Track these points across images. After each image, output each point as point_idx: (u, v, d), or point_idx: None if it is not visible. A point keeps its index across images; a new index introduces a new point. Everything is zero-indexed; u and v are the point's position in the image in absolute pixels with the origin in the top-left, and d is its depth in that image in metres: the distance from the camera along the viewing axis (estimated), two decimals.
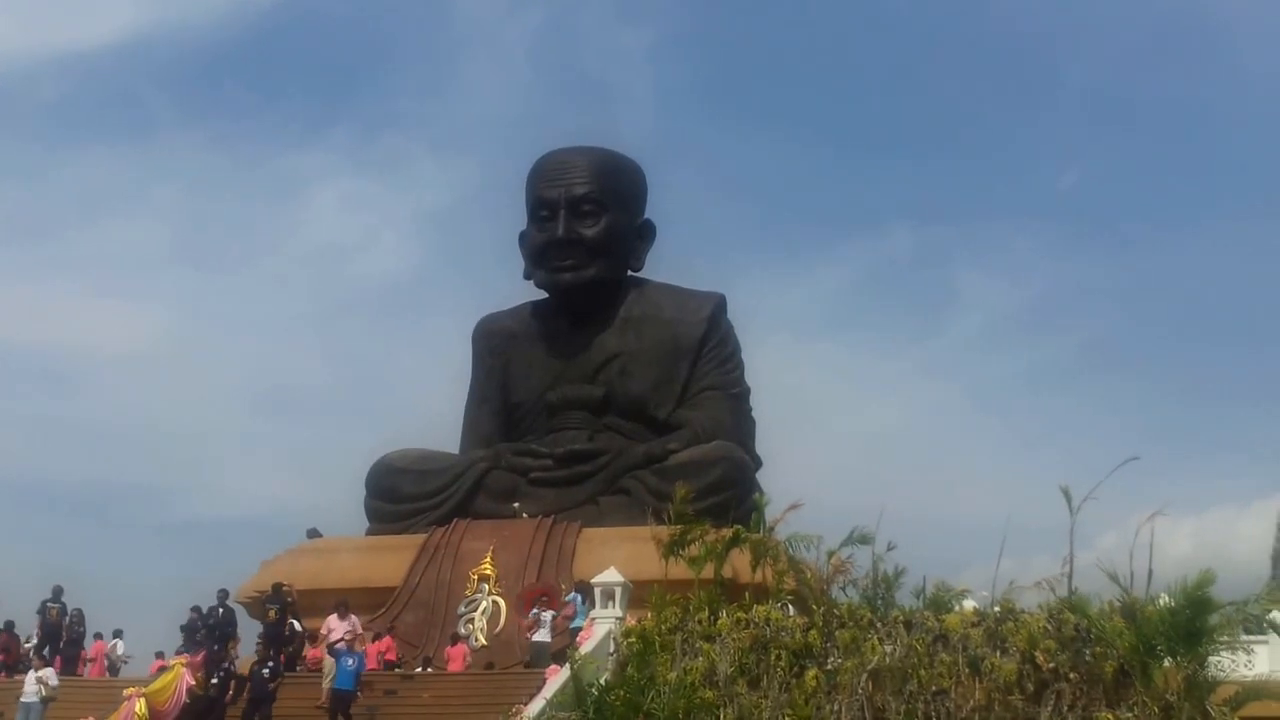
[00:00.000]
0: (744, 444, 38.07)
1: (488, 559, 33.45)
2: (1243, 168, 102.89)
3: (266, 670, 25.89)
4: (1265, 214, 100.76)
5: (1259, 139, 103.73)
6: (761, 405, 40.67)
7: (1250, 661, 27.17)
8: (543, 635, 28.95)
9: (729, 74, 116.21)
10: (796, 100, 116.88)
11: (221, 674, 25.79)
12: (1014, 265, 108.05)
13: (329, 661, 26.86)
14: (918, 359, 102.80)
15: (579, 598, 29.63)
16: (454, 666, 30.23)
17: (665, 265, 41.68)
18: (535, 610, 30.12)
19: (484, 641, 31.46)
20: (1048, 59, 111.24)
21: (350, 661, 26.16)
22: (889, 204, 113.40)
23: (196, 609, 31.37)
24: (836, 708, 20.94)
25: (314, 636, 29.98)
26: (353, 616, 29.50)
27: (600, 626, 27.15)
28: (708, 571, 25.10)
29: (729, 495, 32.54)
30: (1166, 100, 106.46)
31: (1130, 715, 19.80)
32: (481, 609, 32.37)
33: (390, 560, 34.72)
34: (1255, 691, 22.14)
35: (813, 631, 22.15)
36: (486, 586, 32.85)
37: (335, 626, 28.83)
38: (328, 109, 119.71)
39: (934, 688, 20.82)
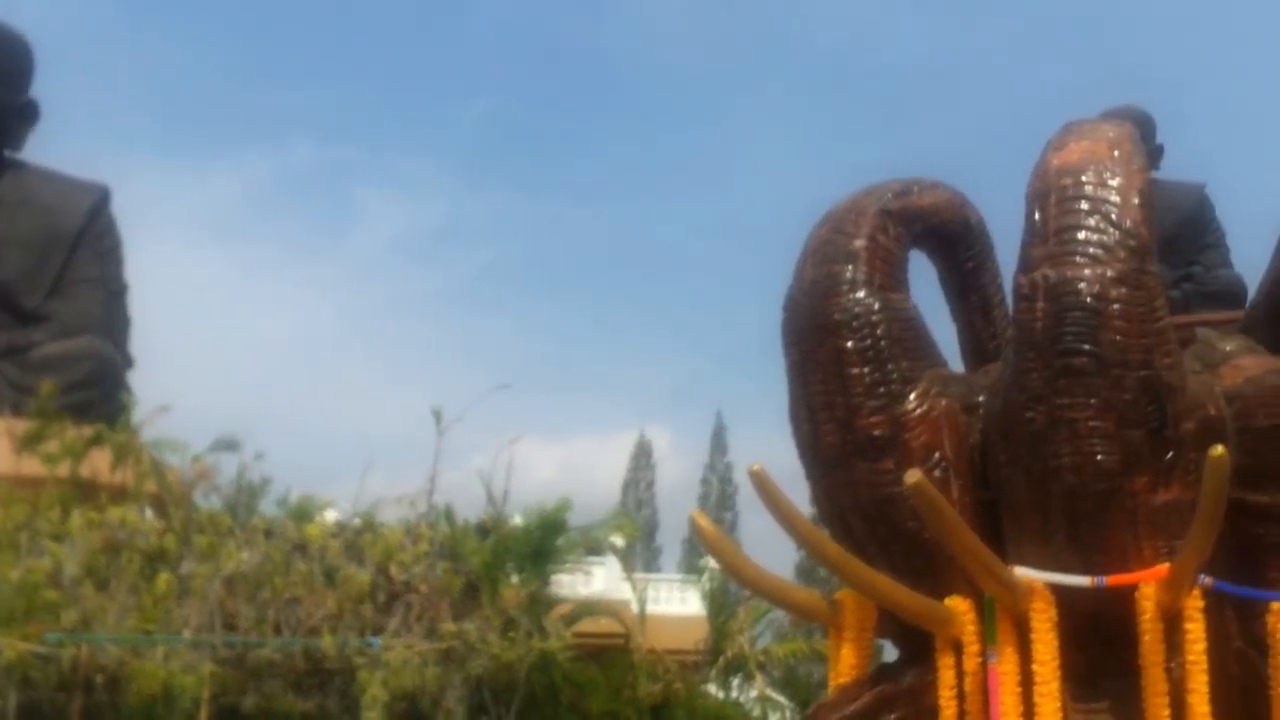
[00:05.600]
0: (116, 342, 36.54)
1: None
2: (639, 108, 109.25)
3: None
4: (658, 152, 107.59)
5: (657, 81, 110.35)
6: (145, 306, 39.31)
7: (588, 581, 29.26)
8: None
9: None
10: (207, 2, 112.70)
11: None
12: (416, 189, 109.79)
13: None
14: (314, 274, 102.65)
15: None
16: None
17: (49, 151, 39.20)
18: None
19: None
20: None
21: None
22: (293, 118, 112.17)
23: None
24: (186, 612, 20.77)
25: None
26: None
27: None
28: (64, 470, 24.10)
29: (94, 393, 31.17)
30: (572, 37, 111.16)
31: (472, 627, 20.88)
32: None
33: None
34: (589, 609, 23.84)
35: (169, 536, 21.78)
36: None
37: None
38: None
39: (288, 595, 21.07)
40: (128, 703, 20.03)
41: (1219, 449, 4.36)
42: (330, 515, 24.53)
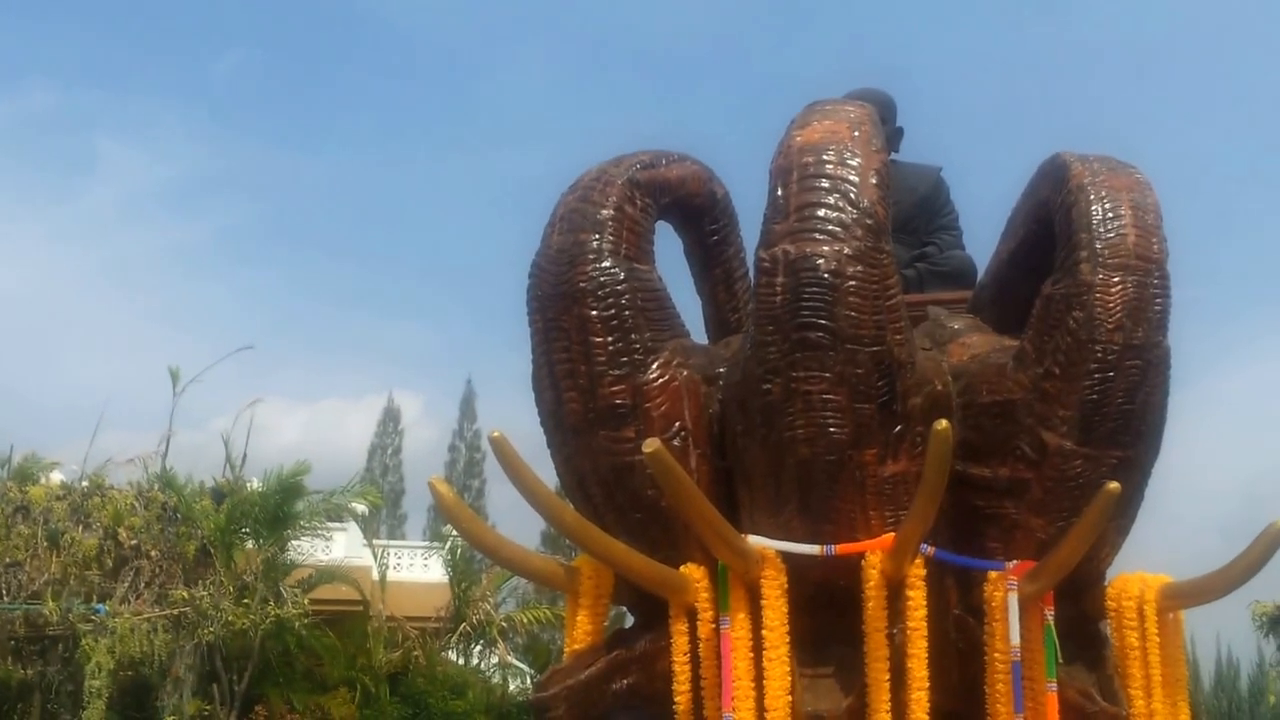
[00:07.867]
0: None
1: None
2: (400, 65, 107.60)
3: None
4: (420, 111, 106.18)
5: (420, 37, 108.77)
6: None
7: (329, 547, 28.80)
8: None
9: None
10: None
11: None
12: (159, 142, 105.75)
13: None
14: (46, 226, 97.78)
15: None
16: None
17: None
18: None
19: None
20: None
21: None
22: (30, 59, 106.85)
23: None
24: None
25: None
26: None
27: None
28: None
29: None
30: None
31: (205, 593, 20.36)
32: None
33: None
34: (329, 575, 23.53)
35: None
36: None
37: None
38: None
39: (8, 559, 20.26)
40: None
41: (943, 423, 4.51)
42: (56, 477, 23.47)
